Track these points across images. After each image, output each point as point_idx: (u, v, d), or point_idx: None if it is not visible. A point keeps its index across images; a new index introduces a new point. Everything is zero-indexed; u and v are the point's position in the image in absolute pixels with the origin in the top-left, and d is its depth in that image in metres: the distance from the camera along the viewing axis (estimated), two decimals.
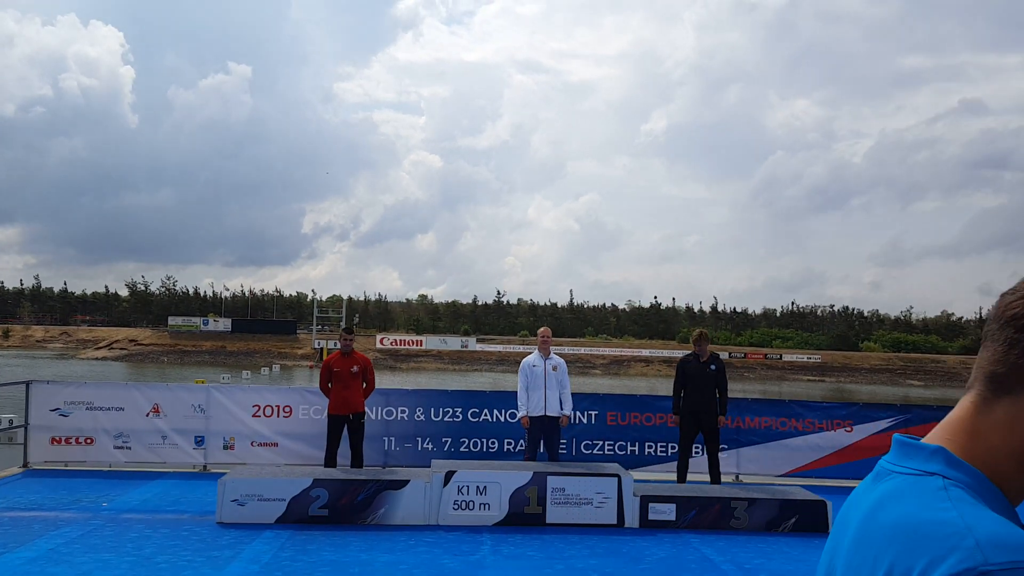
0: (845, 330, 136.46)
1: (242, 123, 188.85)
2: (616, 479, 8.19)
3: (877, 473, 1.05)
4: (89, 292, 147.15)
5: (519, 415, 9.55)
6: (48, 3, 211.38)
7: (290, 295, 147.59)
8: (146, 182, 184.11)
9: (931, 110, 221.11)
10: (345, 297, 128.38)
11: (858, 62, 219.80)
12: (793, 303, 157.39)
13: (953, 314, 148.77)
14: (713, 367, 9.65)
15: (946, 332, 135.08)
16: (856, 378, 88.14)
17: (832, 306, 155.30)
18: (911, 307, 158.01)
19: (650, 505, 8.19)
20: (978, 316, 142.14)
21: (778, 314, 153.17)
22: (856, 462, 11.03)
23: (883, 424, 11.18)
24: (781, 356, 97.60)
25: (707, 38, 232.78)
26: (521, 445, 10.35)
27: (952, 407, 1.03)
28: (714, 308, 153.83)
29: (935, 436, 1.03)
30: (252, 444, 10.60)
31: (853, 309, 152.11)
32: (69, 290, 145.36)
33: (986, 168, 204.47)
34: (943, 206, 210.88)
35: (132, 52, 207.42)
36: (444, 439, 10.87)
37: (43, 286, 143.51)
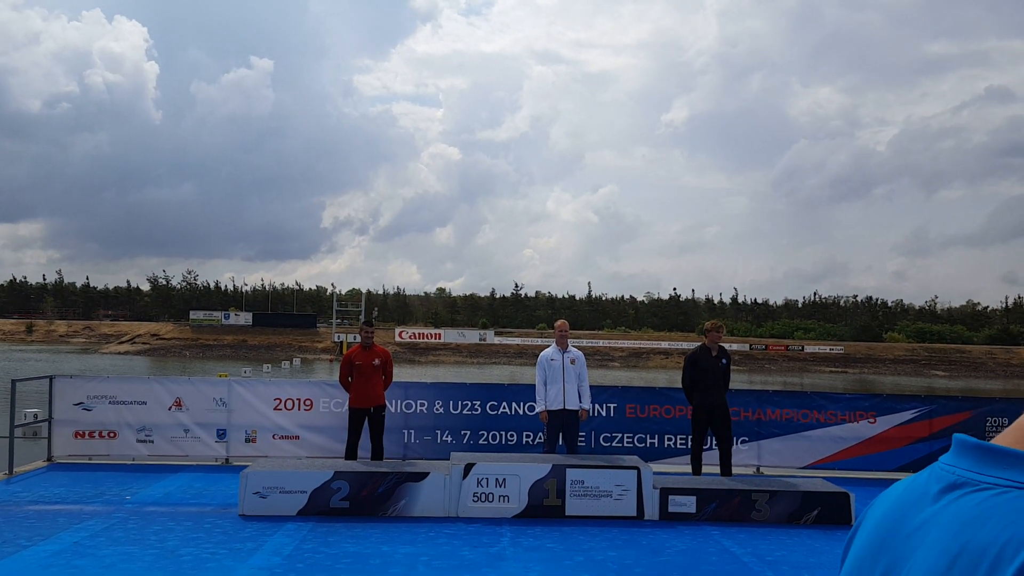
0: (868, 321, 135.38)
1: (264, 117, 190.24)
2: (635, 471, 8.17)
3: (952, 483, 0.88)
4: (111, 287, 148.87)
5: (537, 409, 9.53)
6: None
7: (310, 289, 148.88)
8: (168, 177, 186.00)
9: (957, 97, 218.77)
10: (364, 291, 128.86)
11: (883, 48, 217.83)
12: (815, 294, 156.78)
13: (978, 303, 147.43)
14: (724, 361, 9.53)
15: (971, 322, 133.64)
16: (880, 369, 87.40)
17: (855, 296, 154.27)
18: (936, 297, 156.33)
19: (670, 497, 8.16)
20: (1004, 305, 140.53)
21: (800, 305, 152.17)
22: (879, 454, 10.93)
23: (907, 415, 11.07)
24: (803, 347, 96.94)
25: (730, 26, 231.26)
26: (540, 438, 10.35)
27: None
28: (734, 299, 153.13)
29: (1020, 442, 0.88)
30: (274, 437, 10.67)
31: (877, 299, 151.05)
32: (91, 285, 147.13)
33: (1012, 156, 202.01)
34: (968, 194, 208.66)
35: (156, 47, 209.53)
36: (463, 432, 10.89)
37: (66, 281, 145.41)
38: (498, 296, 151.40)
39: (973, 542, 0.80)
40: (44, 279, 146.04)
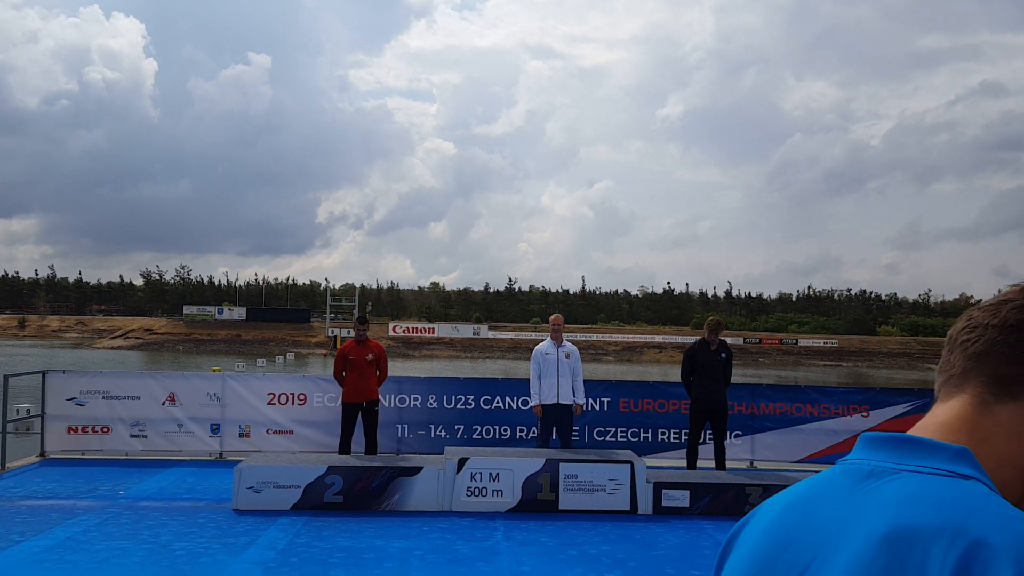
0: (862, 314, 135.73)
1: (260, 114, 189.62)
2: (629, 466, 8.18)
3: (869, 472, 0.88)
4: (104, 282, 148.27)
5: (532, 403, 9.53)
6: None
7: (304, 284, 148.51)
8: (165, 173, 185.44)
9: (950, 91, 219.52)
10: (358, 285, 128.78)
11: (876, 42, 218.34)
12: (809, 287, 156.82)
13: (972, 296, 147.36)
14: (723, 355, 9.51)
15: None
16: (873, 363, 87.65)
17: (849, 290, 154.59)
18: (929, 290, 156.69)
19: (663, 492, 8.17)
20: None
21: (794, 299, 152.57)
22: None
23: (900, 409, 11.11)
24: (797, 341, 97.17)
25: (725, 20, 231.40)
26: (533, 432, 10.35)
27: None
28: (728, 293, 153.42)
29: (930, 435, 0.91)
30: (267, 432, 10.65)
31: (870, 293, 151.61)
32: (84, 280, 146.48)
33: (1004, 150, 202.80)
34: (961, 188, 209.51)
35: (153, 44, 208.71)
36: (457, 426, 10.89)
37: (58, 276, 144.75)
38: (492, 290, 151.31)
39: (902, 524, 0.80)
40: (36, 274, 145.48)
